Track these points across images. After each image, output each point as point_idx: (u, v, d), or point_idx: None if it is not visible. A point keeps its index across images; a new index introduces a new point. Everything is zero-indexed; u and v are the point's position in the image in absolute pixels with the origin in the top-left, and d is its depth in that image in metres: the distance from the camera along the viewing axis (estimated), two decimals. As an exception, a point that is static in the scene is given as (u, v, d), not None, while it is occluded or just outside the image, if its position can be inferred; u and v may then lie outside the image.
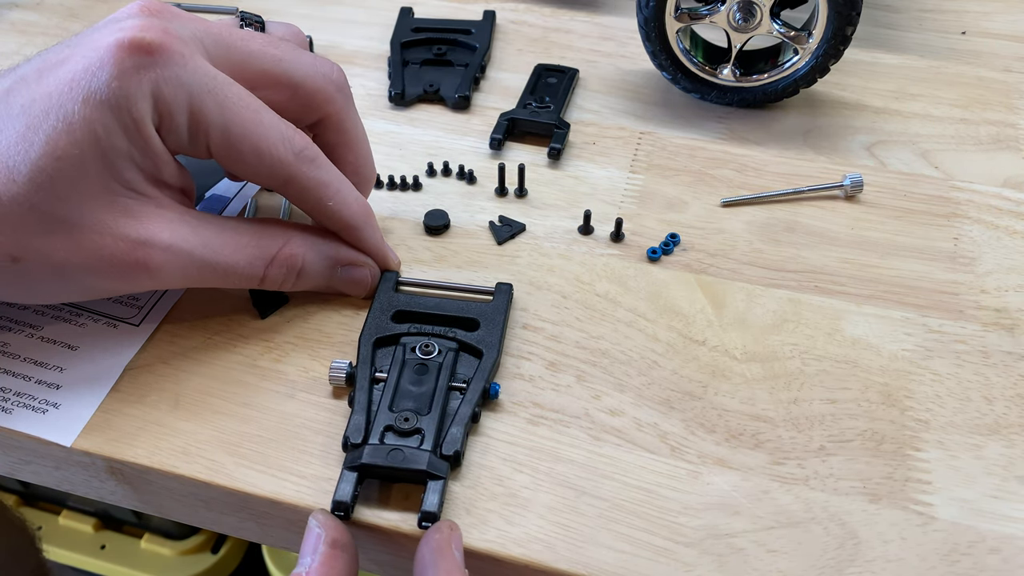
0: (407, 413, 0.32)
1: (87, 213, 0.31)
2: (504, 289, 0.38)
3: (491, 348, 0.35)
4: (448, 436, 0.32)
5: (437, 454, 0.31)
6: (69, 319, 0.37)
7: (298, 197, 0.35)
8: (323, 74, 0.36)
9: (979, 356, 0.36)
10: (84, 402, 0.34)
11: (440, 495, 0.30)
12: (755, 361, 0.36)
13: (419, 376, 0.34)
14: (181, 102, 0.31)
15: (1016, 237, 0.42)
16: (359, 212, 0.37)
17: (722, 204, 0.44)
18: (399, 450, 0.31)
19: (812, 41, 0.45)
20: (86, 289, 0.33)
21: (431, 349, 0.35)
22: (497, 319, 0.36)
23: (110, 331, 0.37)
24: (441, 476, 0.31)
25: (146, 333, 0.37)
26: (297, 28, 0.40)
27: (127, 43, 0.30)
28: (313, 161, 0.34)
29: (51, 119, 0.30)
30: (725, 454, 0.33)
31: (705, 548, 0.30)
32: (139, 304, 0.38)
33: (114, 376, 0.35)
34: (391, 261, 0.39)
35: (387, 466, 0.31)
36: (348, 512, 0.30)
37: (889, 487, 0.32)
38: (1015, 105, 0.50)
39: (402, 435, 0.32)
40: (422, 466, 0.31)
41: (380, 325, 0.36)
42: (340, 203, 0.36)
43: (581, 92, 0.51)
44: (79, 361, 0.36)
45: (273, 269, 0.35)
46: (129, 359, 0.36)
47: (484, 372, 0.34)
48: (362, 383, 0.34)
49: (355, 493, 0.30)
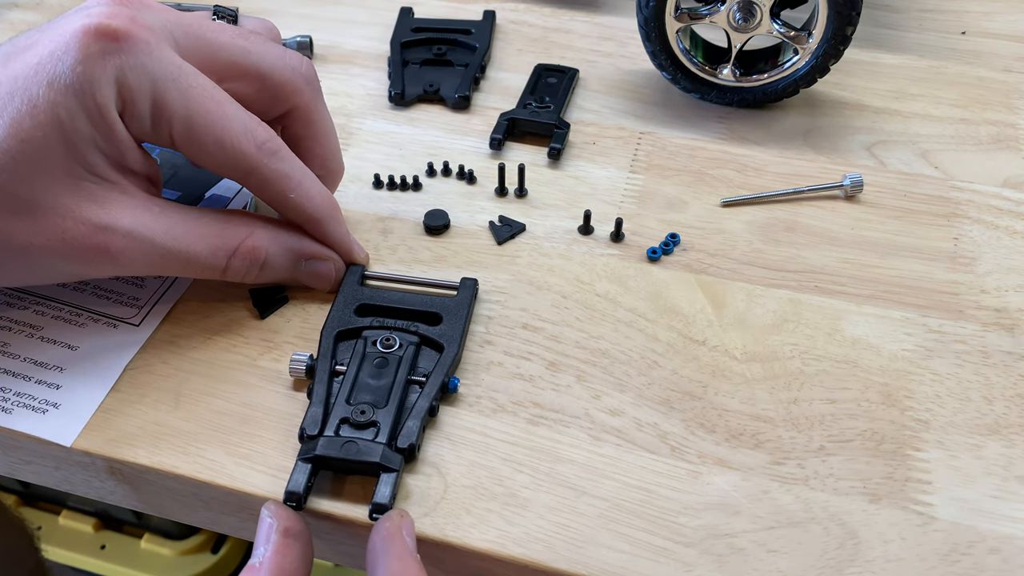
0: (364, 406, 0.33)
1: (50, 196, 0.31)
2: (468, 284, 0.38)
3: (452, 342, 0.35)
4: (404, 429, 0.32)
5: (392, 447, 0.31)
6: (69, 319, 0.37)
7: (260, 189, 0.35)
8: (291, 66, 0.36)
9: (979, 356, 0.36)
10: (84, 402, 0.34)
11: (392, 487, 0.31)
12: (755, 361, 0.36)
13: (379, 369, 0.34)
14: (144, 89, 0.31)
15: (1016, 237, 0.42)
16: (323, 205, 0.37)
17: (722, 204, 0.44)
18: (353, 442, 0.31)
19: (812, 41, 0.45)
20: (49, 272, 0.34)
21: (392, 343, 0.35)
22: (460, 313, 0.37)
23: (110, 331, 0.37)
24: (394, 469, 0.31)
25: (146, 333, 0.37)
26: (271, 24, 0.40)
27: (93, 29, 0.30)
28: (275, 153, 0.35)
29: (16, 102, 0.30)
30: (725, 454, 0.33)
31: (705, 548, 0.30)
32: (139, 304, 0.38)
33: (114, 376, 0.35)
34: (356, 255, 0.39)
35: (341, 458, 0.31)
36: (301, 503, 0.30)
37: (889, 487, 0.32)
38: (1015, 105, 0.50)
39: (358, 428, 0.32)
40: (375, 458, 0.31)
41: (343, 318, 0.36)
42: (303, 196, 0.36)
43: (581, 92, 0.51)
44: (79, 361, 0.36)
45: (236, 261, 0.35)
46: (129, 359, 0.36)
47: (444, 366, 0.34)
48: (321, 375, 0.34)
49: (308, 484, 0.31)
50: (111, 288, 0.38)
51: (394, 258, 0.41)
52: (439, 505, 0.31)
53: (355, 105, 0.50)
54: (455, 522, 0.31)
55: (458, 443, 0.33)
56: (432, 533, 0.30)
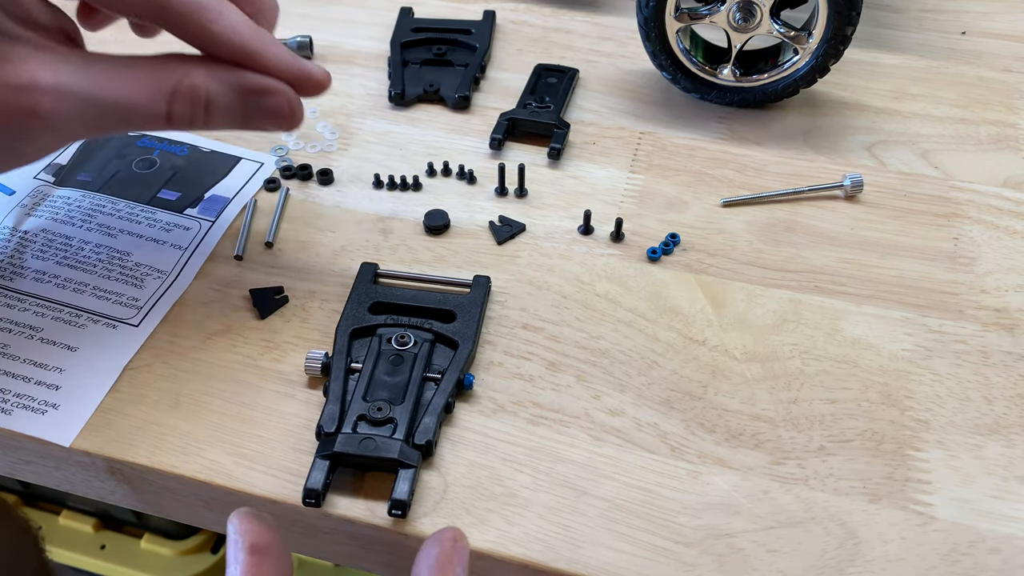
0: (380, 403, 0.33)
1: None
2: (481, 282, 0.38)
3: (467, 340, 0.35)
4: (421, 426, 0.32)
5: (409, 443, 0.32)
6: (69, 320, 0.37)
7: (179, 27, 0.32)
8: None
9: (979, 356, 0.36)
10: (83, 403, 0.34)
11: (411, 484, 0.31)
12: (755, 361, 0.36)
13: (394, 367, 0.34)
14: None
15: (1016, 237, 0.42)
16: (252, 35, 0.33)
17: (722, 204, 0.44)
18: (371, 439, 0.31)
19: (812, 41, 0.45)
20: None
21: (407, 340, 0.35)
22: (473, 311, 0.37)
23: (109, 332, 0.37)
24: (412, 465, 0.31)
25: (145, 333, 0.37)
26: None
27: None
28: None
29: None
30: (725, 454, 0.33)
31: (705, 548, 0.30)
32: (138, 304, 0.38)
33: (113, 376, 0.35)
34: (313, 77, 0.34)
35: (359, 454, 0.31)
36: (319, 500, 0.30)
37: (889, 487, 0.32)
38: (1015, 105, 0.50)
39: (375, 424, 0.32)
40: (393, 455, 0.31)
41: (357, 316, 0.36)
42: (226, 26, 0.32)
43: (581, 92, 0.51)
44: (78, 362, 0.36)
45: (177, 104, 0.32)
46: (128, 359, 0.36)
47: (459, 363, 0.34)
48: (337, 373, 0.34)
49: (327, 481, 0.31)
50: (110, 290, 0.38)
51: (394, 258, 0.40)
52: (439, 505, 0.31)
53: (355, 105, 0.50)
54: (455, 522, 0.31)
55: (458, 443, 0.33)
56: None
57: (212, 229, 0.41)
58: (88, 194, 0.43)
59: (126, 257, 0.40)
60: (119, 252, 0.40)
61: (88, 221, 0.41)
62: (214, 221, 0.42)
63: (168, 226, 0.41)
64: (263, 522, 0.28)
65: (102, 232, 0.41)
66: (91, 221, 0.41)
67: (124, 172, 0.44)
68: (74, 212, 0.42)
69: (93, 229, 0.41)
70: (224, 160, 0.45)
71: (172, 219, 0.42)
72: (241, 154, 0.46)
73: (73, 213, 0.42)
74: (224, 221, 0.42)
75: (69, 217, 0.41)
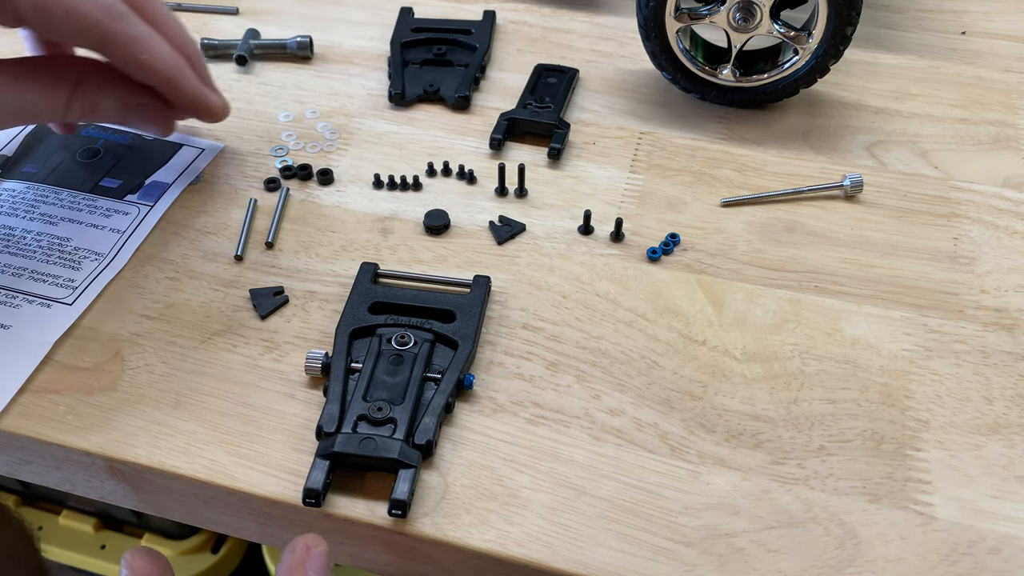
0: (381, 403, 0.33)
1: None
2: (481, 282, 0.38)
3: (466, 340, 0.35)
4: (421, 426, 0.32)
5: (409, 443, 0.32)
6: (4, 301, 0.38)
7: (115, 55, 0.37)
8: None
9: (979, 356, 0.36)
10: (9, 378, 0.35)
11: (411, 484, 0.31)
12: (755, 361, 0.36)
13: (394, 367, 0.34)
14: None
15: (1016, 237, 0.42)
16: (173, 64, 0.38)
17: (722, 204, 0.44)
18: (371, 439, 0.31)
19: (812, 41, 0.45)
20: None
21: (407, 340, 0.35)
22: (473, 311, 0.37)
23: (43, 311, 0.38)
24: (412, 465, 0.31)
25: (78, 310, 0.38)
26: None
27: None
28: (123, 17, 0.36)
29: None
30: (725, 454, 0.33)
31: (705, 548, 0.30)
32: (74, 285, 0.39)
33: (43, 352, 0.36)
34: (212, 106, 0.41)
35: (359, 454, 0.31)
36: (319, 500, 0.30)
37: (889, 487, 0.32)
38: (1015, 105, 0.50)
39: (375, 424, 0.32)
40: (393, 455, 0.31)
41: (357, 316, 0.36)
42: (154, 57, 0.38)
43: (581, 92, 0.51)
44: (7, 339, 0.36)
45: (73, 106, 0.38)
46: (59, 335, 0.37)
47: (459, 363, 0.34)
48: (337, 373, 0.34)
49: (327, 481, 0.31)
50: (48, 272, 0.39)
51: (394, 258, 0.41)
52: (439, 505, 0.31)
53: (355, 105, 0.50)
54: (455, 522, 0.31)
55: (458, 443, 0.33)
56: (432, 533, 0.30)
57: (150, 213, 0.43)
58: (33, 185, 0.44)
59: (66, 243, 0.41)
60: (59, 238, 0.41)
61: (31, 211, 0.42)
62: (152, 206, 0.43)
63: (108, 212, 0.43)
64: (153, 558, 0.28)
65: (44, 221, 0.42)
66: (34, 211, 0.42)
67: (68, 163, 0.45)
68: (18, 204, 0.43)
69: (36, 219, 0.42)
70: (166, 147, 0.47)
71: (112, 205, 0.43)
72: (184, 141, 0.47)
73: (17, 205, 0.43)
74: (163, 205, 0.43)
75: (13, 209, 0.43)
